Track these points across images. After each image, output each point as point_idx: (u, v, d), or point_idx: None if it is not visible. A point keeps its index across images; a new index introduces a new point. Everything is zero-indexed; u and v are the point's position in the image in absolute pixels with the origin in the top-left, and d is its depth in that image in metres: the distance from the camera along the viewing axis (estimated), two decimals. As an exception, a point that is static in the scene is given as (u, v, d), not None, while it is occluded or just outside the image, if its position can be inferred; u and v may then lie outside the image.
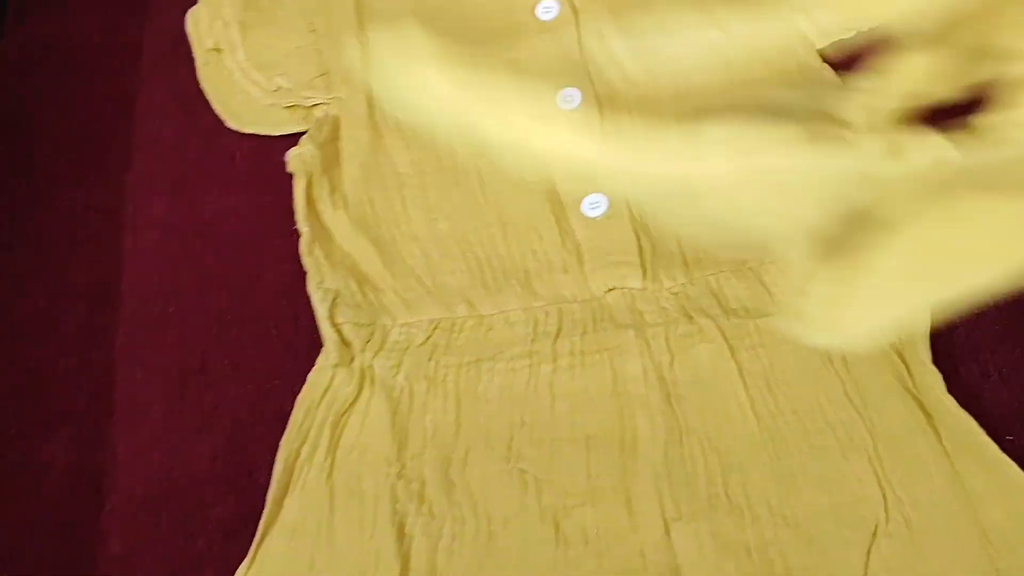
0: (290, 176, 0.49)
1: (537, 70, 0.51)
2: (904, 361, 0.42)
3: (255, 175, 0.51)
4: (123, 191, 0.51)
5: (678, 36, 0.42)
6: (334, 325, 0.44)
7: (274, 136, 0.51)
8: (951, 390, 0.41)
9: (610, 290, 0.45)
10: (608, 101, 0.50)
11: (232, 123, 0.52)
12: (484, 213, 0.48)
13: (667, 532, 0.40)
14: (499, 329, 0.45)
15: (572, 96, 0.50)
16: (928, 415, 0.41)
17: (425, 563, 0.40)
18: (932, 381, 0.41)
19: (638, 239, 0.46)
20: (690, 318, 0.44)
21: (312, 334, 0.46)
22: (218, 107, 0.53)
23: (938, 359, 0.42)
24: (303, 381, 0.44)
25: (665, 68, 0.49)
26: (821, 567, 0.38)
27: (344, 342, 0.44)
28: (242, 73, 0.52)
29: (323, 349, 0.44)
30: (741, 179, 0.32)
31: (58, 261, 0.49)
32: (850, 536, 0.39)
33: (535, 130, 0.49)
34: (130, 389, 0.46)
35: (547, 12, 0.51)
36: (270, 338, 0.46)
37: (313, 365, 0.44)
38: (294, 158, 0.48)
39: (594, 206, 0.47)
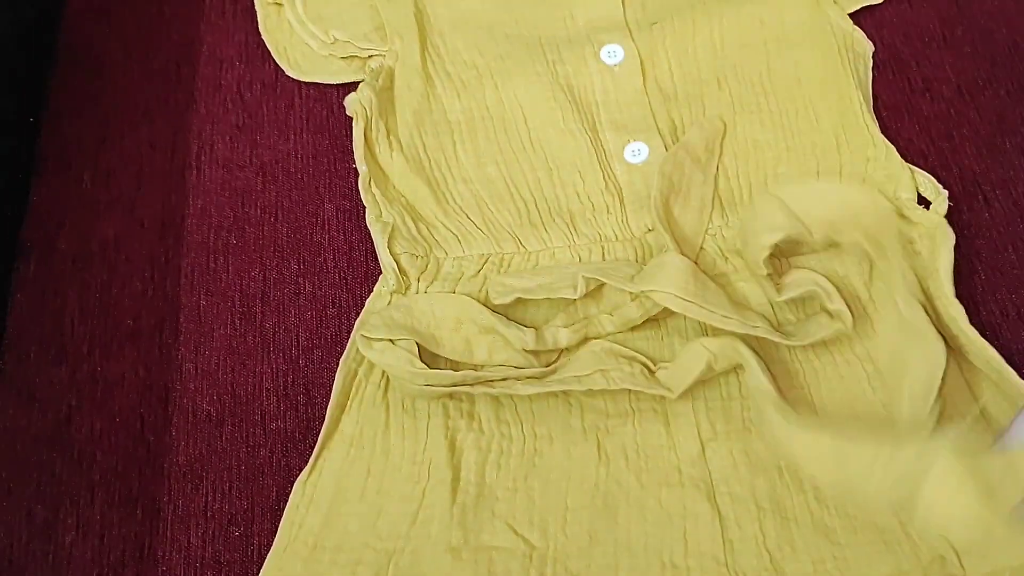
0: (345, 122, 0.52)
1: (583, 26, 0.53)
2: (929, 298, 0.44)
3: (313, 120, 0.54)
4: (188, 132, 0.54)
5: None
6: (392, 254, 0.46)
7: (331, 85, 0.54)
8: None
9: (650, 230, 0.48)
10: (649, 57, 0.52)
11: (292, 72, 0.55)
12: (531, 158, 0.50)
13: (703, 451, 0.43)
14: (545, 264, 0.47)
15: (615, 52, 0.52)
16: (952, 350, 0.43)
17: (475, 475, 0.43)
18: (956, 313, 0.43)
19: (676, 184, 0.48)
20: (726, 258, 0.47)
21: (366, 266, 0.48)
22: (278, 57, 0.55)
23: (961, 301, 0.44)
24: (358, 309, 0.47)
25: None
26: (847, 484, 0.41)
27: (402, 271, 0.46)
28: (301, 26, 0.55)
29: (381, 276, 0.46)
30: None
31: (127, 195, 0.52)
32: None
33: (580, 81, 0.52)
34: (195, 313, 0.48)
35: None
36: (327, 269, 0.49)
37: (367, 295, 0.47)
38: (353, 102, 0.51)
39: (635, 153, 0.50)
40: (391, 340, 0.43)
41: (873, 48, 0.52)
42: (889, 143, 0.49)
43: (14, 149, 0.53)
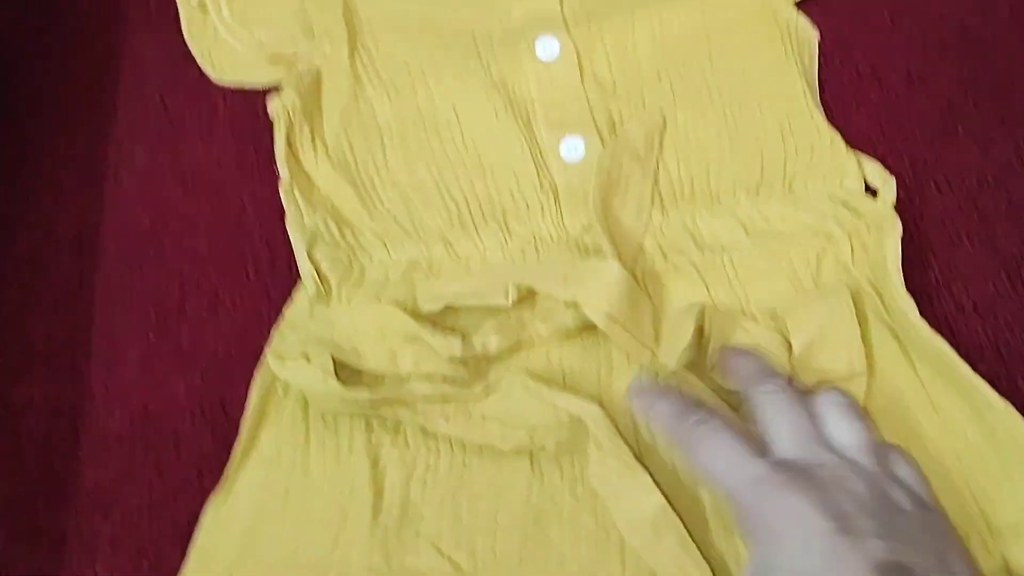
0: (271, 127, 0.50)
1: (519, 20, 0.51)
2: (878, 291, 0.42)
3: (238, 126, 0.51)
4: (107, 141, 0.51)
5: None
6: (312, 261, 0.44)
7: (258, 89, 0.52)
8: (928, 323, 0.41)
9: (587, 230, 0.45)
10: (587, 51, 0.50)
11: (216, 76, 0.53)
12: (463, 159, 0.48)
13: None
14: (476, 268, 0.45)
15: (551, 46, 0.50)
16: (901, 342, 0.41)
17: (399, 493, 0.40)
18: (906, 307, 0.41)
19: (614, 181, 0.46)
20: (665, 256, 0.44)
21: (290, 277, 0.46)
22: (202, 61, 0.53)
23: (915, 295, 0.42)
24: (279, 320, 0.44)
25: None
26: None
27: (322, 278, 0.44)
28: (226, 29, 0.53)
29: (300, 285, 0.44)
30: None
31: (42, 208, 0.49)
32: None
33: (515, 78, 0.50)
34: (108, 329, 0.46)
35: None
36: (247, 280, 0.47)
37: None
38: (275, 105, 0.48)
39: (572, 150, 0.48)
40: (306, 357, 0.41)
41: (819, 35, 0.50)
42: (835, 132, 0.46)
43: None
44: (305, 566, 0.39)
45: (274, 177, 0.48)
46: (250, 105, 0.52)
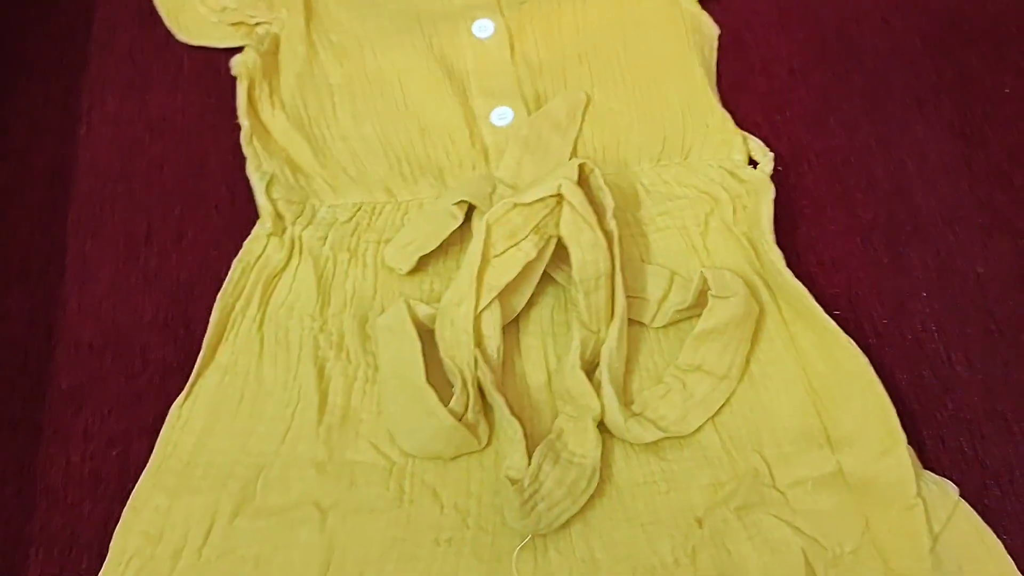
0: (231, 84, 0.55)
1: (458, 3, 0.58)
2: (753, 246, 0.50)
3: (200, 81, 0.57)
4: (79, 90, 0.56)
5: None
6: (270, 200, 0.50)
7: (219, 49, 0.57)
8: (793, 274, 0.49)
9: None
10: (518, 32, 0.57)
11: (182, 36, 0.58)
12: (405, 120, 0.54)
13: (549, 379, 0.47)
14: (413, 213, 0.51)
15: (486, 26, 0.57)
16: (771, 289, 0.49)
17: (341, 399, 0.46)
18: (775, 258, 0.48)
19: (538, 144, 0.53)
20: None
21: (247, 214, 0.51)
22: (169, 22, 0.58)
23: (785, 251, 0.49)
24: (237, 250, 0.49)
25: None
26: None
27: (278, 215, 0.50)
28: (194, -4, 0.58)
29: (259, 220, 0.50)
30: None
31: (17, 143, 0.54)
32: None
33: (454, 51, 0.56)
34: (80, 255, 0.51)
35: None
36: (210, 215, 0.52)
37: (246, 239, 0.50)
38: (238, 63, 0.54)
39: (501, 117, 0.54)
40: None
41: (719, 31, 0.58)
42: (727, 113, 0.54)
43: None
44: (256, 455, 0.44)
45: (234, 128, 0.54)
46: (212, 62, 0.57)
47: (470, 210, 0.50)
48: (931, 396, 0.47)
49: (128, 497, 0.43)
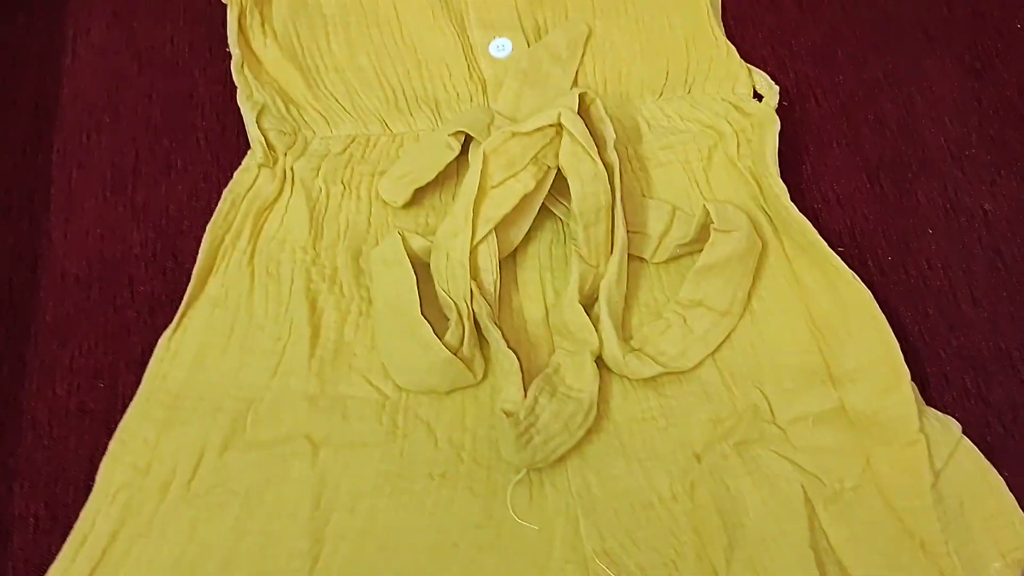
0: (222, 15, 0.53)
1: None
2: (757, 181, 0.48)
3: (190, 11, 0.55)
4: (64, 20, 0.54)
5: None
6: (261, 130, 0.48)
7: (208, -23, 0.56)
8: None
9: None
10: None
11: (169, -36, 0.56)
12: (401, 51, 0.53)
13: (546, 313, 0.46)
14: (408, 146, 0.50)
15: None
16: (774, 224, 0.48)
17: (334, 332, 0.45)
18: (779, 191, 0.47)
19: (537, 75, 0.52)
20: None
21: (237, 145, 0.50)
22: (157, -51, 0.57)
23: (789, 188, 0.48)
24: (227, 181, 0.48)
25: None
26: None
27: (269, 145, 0.48)
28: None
29: (250, 151, 0.48)
30: None
31: (1, 77, 0.52)
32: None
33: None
34: (66, 186, 0.50)
35: None
36: (199, 147, 0.51)
37: (236, 170, 0.49)
38: (228, -10, 0.52)
39: (500, 48, 0.53)
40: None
41: (724, -37, 0.56)
42: (731, 45, 0.53)
43: None
44: (246, 388, 0.43)
45: (224, 58, 0.52)
46: (202, -7, 0.55)
47: (467, 142, 0.48)
48: (936, 334, 0.47)
49: (115, 430, 0.42)
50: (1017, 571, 0.41)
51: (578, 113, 0.46)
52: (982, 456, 0.42)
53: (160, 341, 0.44)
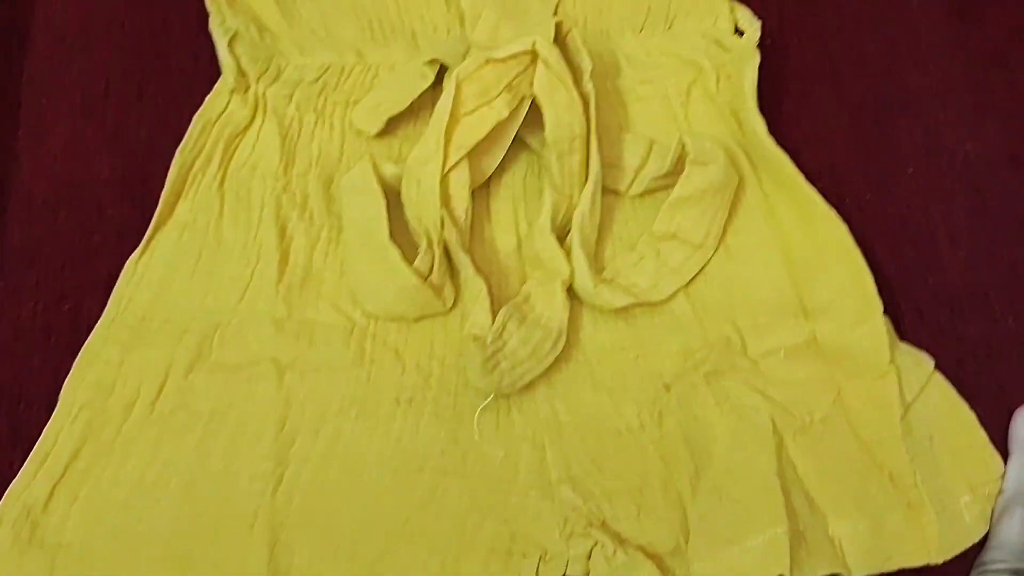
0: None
1: None
2: (736, 116, 0.48)
3: (165, -61, 0.54)
4: (37, -55, 0.54)
5: None
6: (233, 55, 0.48)
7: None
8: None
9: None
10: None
11: None
12: (378, -18, 0.52)
13: (518, 246, 0.46)
14: (383, 75, 0.49)
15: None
16: (752, 160, 0.47)
17: (303, 258, 0.45)
18: (757, 125, 0.47)
19: (516, 5, 0.51)
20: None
21: (209, 72, 0.49)
22: None
23: (770, 126, 0.47)
24: (198, 107, 0.47)
25: None
26: None
27: (241, 71, 0.48)
28: None
29: (221, 77, 0.48)
30: None
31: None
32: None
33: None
34: (36, 109, 0.49)
35: None
36: (171, 73, 0.50)
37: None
38: (202, -84, 0.51)
39: (479, -19, 0.52)
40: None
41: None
42: (714, -19, 0.52)
43: None
44: (213, 311, 0.43)
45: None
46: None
47: (442, 72, 0.48)
48: (912, 271, 0.46)
49: (79, 352, 0.42)
50: (988, 504, 0.41)
51: (555, 43, 0.45)
52: (954, 391, 0.42)
53: (127, 264, 0.44)
